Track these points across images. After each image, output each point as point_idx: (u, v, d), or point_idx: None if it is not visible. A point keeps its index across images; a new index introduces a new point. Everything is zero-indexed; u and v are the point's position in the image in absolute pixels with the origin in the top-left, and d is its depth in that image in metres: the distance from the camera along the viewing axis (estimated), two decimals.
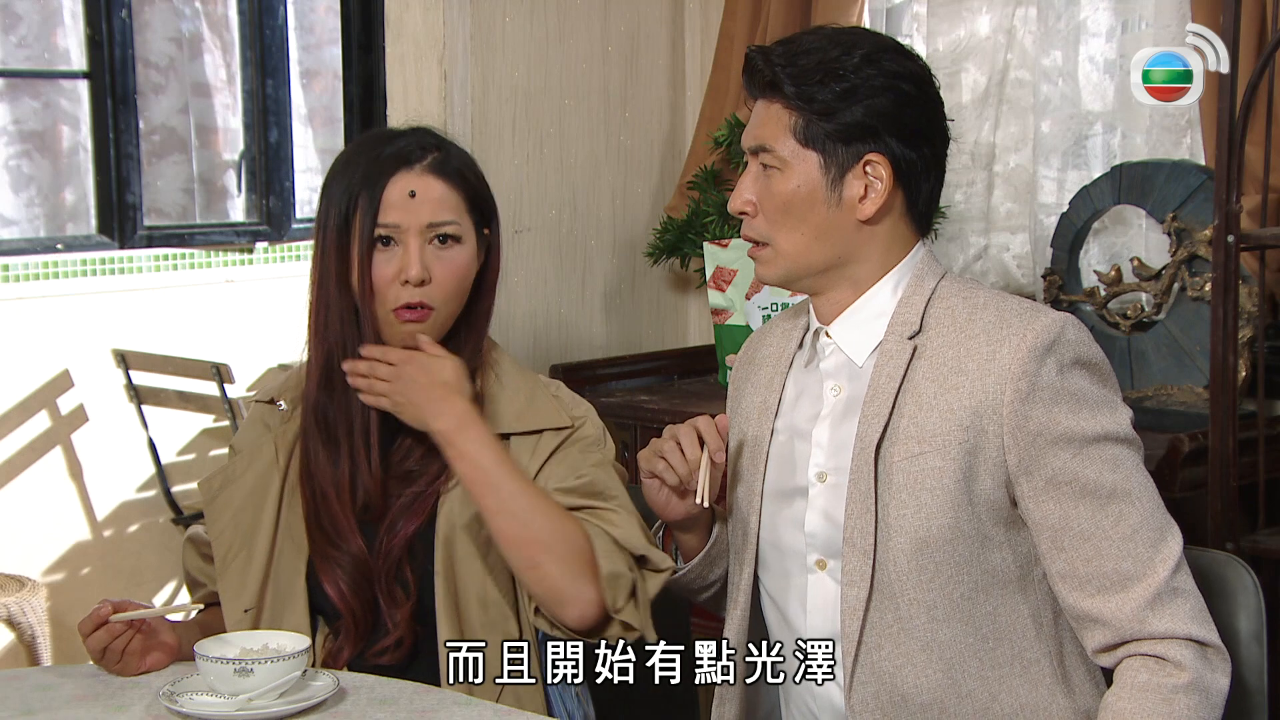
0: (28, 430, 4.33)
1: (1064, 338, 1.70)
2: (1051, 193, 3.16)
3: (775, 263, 1.81)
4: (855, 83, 1.74)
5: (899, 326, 1.77)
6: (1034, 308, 1.74)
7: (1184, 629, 1.65)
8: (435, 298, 1.93)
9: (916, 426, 1.72)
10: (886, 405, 1.74)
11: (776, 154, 1.77)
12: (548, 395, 2.01)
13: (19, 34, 4.57)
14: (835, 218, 1.77)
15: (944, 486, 1.70)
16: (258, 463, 2.02)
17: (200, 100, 4.93)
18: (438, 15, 3.29)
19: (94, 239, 4.50)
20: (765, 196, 1.79)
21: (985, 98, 3.27)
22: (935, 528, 1.71)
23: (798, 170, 1.76)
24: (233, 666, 1.72)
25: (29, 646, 3.74)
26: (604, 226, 3.61)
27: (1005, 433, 1.68)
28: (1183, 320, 2.84)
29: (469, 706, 1.74)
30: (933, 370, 1.73)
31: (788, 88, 1.75)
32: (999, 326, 1.72)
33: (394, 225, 1.92)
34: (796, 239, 1.78)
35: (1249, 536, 2.43)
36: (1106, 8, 3.09)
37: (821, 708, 1.81)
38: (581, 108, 3.55)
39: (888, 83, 1.76)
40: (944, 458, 1.70)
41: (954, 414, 1.70)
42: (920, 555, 1.71)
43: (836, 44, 1.77)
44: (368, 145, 1.98)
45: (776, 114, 1.77)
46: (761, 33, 3.42)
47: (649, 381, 3.40)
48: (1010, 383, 1.68)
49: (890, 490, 1.73)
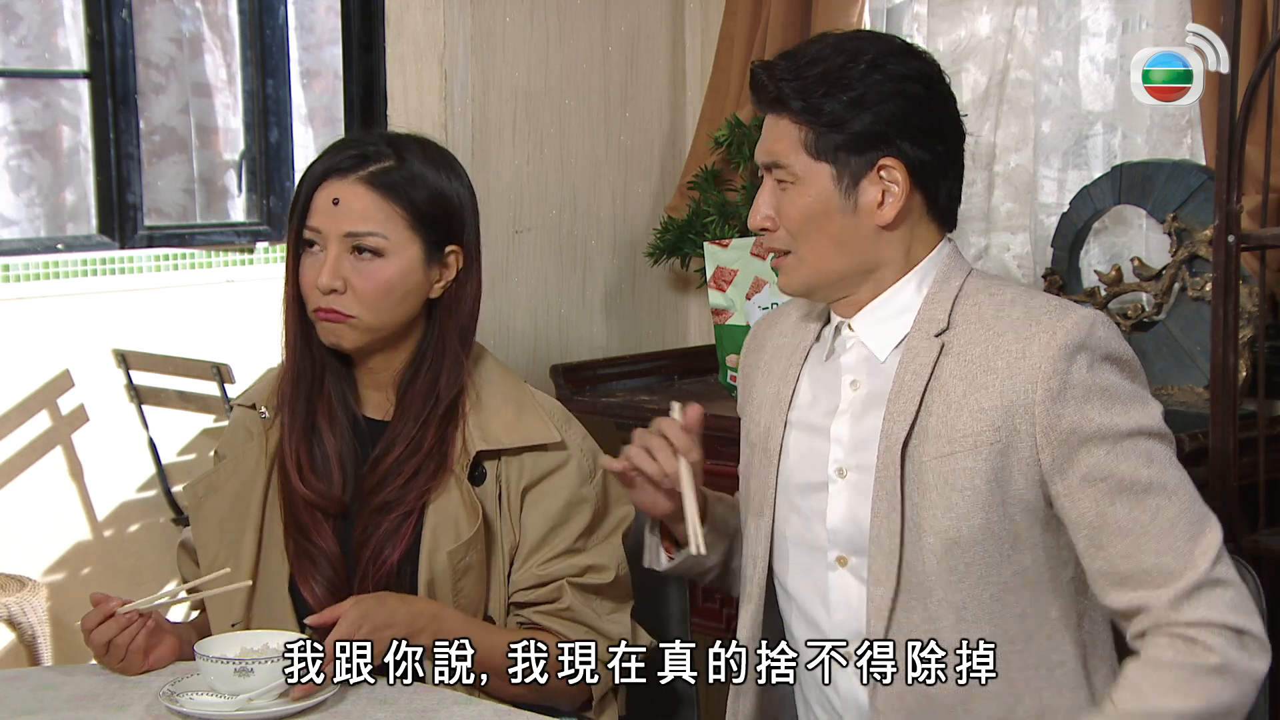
0: (28, 430, 4.33)
1: (1094, 334, 1.69)
2: (1052, 193, 3.16)
3: (798, 271, 1.80)
4: (862, 90, 1.74)
5: (925, 323, 1.76)
6: (1062, 304, 1.74)
7: (1220, 617, 1.63)
8: (351, 307, 1.93)
9: (946, 425, 1.71)
10: (913, 402, 1.73)
11: (789, 169, 1.77)
12: (536, 408, 2.00)
13: (19, 34, 4.57)
14: (854, 226, 1.77)
15: (975, 487, 1.70)
16: (241, 470, 2.02)
17: (201, 100, 4.93)
18: (438, 15, 3.29)
19: (94, 239, 4.50)
20: (783, 211, 1.79)
21: (985, 98, 3.27)
22: (966, 528, 1.70)
23: (812, 183, 1.76)
24: (233, 666, 1.72)
25: (29, 646, 3.74)
26: (604, 226, 3.60)
27: (1038, 431, 1.68)
28: (1183, 320, 2.84)
29: (469, 706, 1.74)
30: (961, 368, 1.72)
31: (794, 102, 1.75)
32: (1027, 324, 1.71)
33: (315, 230, 1.94)
34: (818, 248, 1.78)
35: (1249, 536, 2.43)
36: (1107, 8, 3.09)
37: (846, 705, 1.80)
38: (582, 108, 3.55)
39: (895, 87, 1.75)
40: (975, 458, 1.69)
41: (985, 413, 1.70)
42: (950, 556, 1.70)
43: (841, 52, 1.76)
44: (329, 149, 1.99)
45: (785, 129, 1.77)
46: (762, 33, 3.42)
47: (649, 381, 3.40)
48: (1041, 381, 1.67)
49: (920, 489, 1.72)
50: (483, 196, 3.42)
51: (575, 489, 1.97)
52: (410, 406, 1.96)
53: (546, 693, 1.88)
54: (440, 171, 1.98)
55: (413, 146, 1.98)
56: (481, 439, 1.95)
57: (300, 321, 1.99)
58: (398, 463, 1.94)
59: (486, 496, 1.96)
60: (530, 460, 1.97)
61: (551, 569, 1.95)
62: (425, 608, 1.89)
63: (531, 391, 2.04)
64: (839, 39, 1.80)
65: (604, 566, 1.96)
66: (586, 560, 1.97)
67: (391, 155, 1.95)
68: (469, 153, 3.32)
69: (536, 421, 1.98)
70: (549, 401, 2.04)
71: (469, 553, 1.92)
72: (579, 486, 1.98)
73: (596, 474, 2.00)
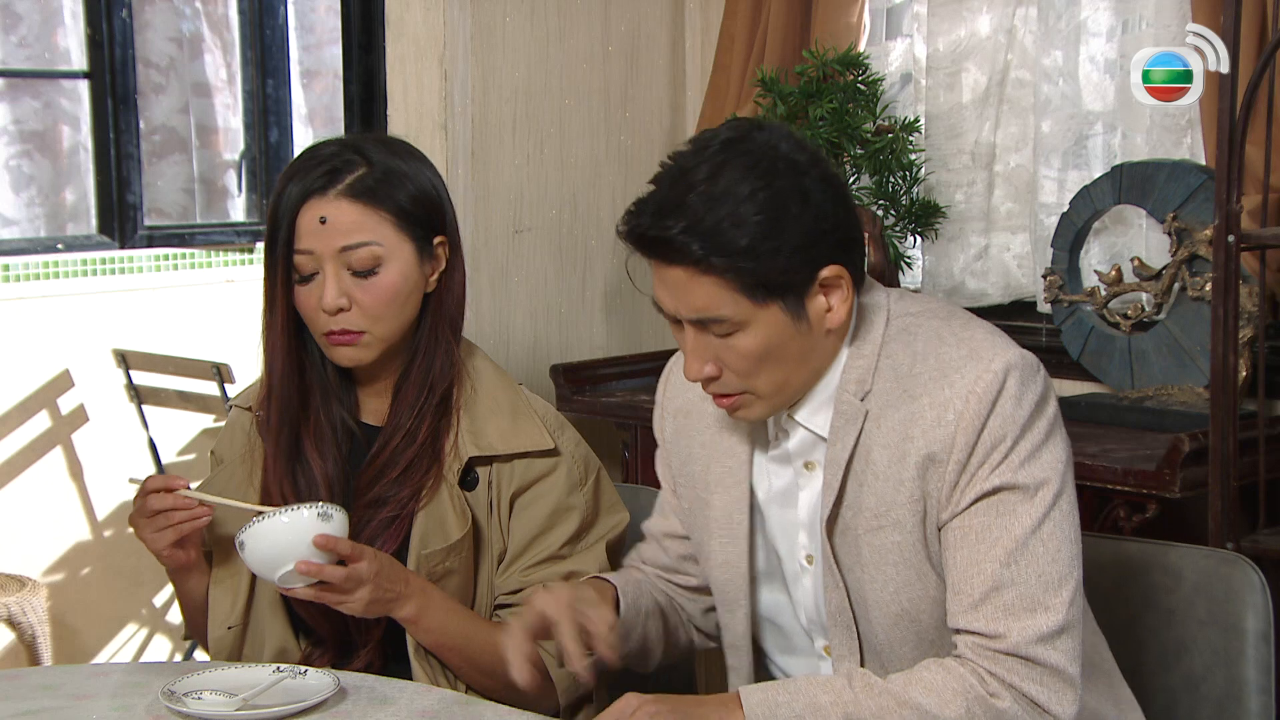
0: (28, 430, 4.33)
1: (1006, 391, 1.61)
2: (1052, 192, 3.15)
3: (757, 405, 1.68)
4: (772, 214, 1.58)
5: (850, 385, 1.68)
6: (972, 354, 1.64)
7: (1022, 685, 1.58)
8: (360, 322, 1.91)
9: (875, 497, 1.66)
10: (838, 477, 1.67)
11: (729, 320, 1.62)
12: (531, 415, 1.98)
13: (19, 34, 4.57)
14: (809, 341, 1.66)
15: (906, 560, 1.66)
16: (239, 474, 2.02)
17: (201, 100, 4.94)
18: (438, 15, 3.29)
19: (94, 239, 4.50)
20: (726, 359, 1.64)
21: (985, 98, 3.27)
22: (908, 599, 1.66)
23: (760, 324, 1.62)
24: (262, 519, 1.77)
25: (29, 646, 3.74)
26: (604, 226, 3.60)
27: (944, 492, 1.63)
28: (1183, 320, 2.84)
29: (469, 706, 1.74)
30: (883, 436, 1.66)
31: (715, 259, 1.58)
32: (941, 386, 1.63)
33: (308, 252, 1.90)
34: (776, 377, 1.66)
35: (1249, 536, 2.43)
36: (1107, 8, 3.09)
37: None
38: (582, 107, 3.55)
39: (799, 202, 1.60)
40: (901, 531, 1.65)
41: (904, 485, 1.64)
42: (899, 626, 1.68)
43: (720, 187, 1.59)
44: (294, 169, 1.94)
45: (708, 284, 1.60)
46: (761, 33, 3.42)
47: (649, 381, 3.40)
48: (956, 451, 1.62)
49: (859, 564, 1.68)
50: (483, 196, 3.45)
51: (563, 496, 1.96)
52: (405, 399, 1.95)
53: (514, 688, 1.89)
54: (411, 165, 1.95)
55: (377, 148, 1.95)
56: (475, 445, 1.94)
57: (291, 350, 1.96)
58: (393, 455, 1.93)
59: (478, 502, 1.95)
60: (521, 466, 1.96)
61: (534, 576, 1.95)
62: (418, 584, 1.88)
63: (526, 395, 2.02)
64: (706, 175, 1.61)
65: (584, 573, 1.94)
66: (568, 567, 1.95)
67: (361, 162, 1.91)
68: (469, 153, 3.32)
69: (531, 428, 1.97)
70: (542, 406, 2.03)
71: (449, 558, 1.92)
72: (567, 494, 1.96)
73: (587, 481, 1.99)
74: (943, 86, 3.33)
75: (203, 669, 1.80)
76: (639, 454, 3.13)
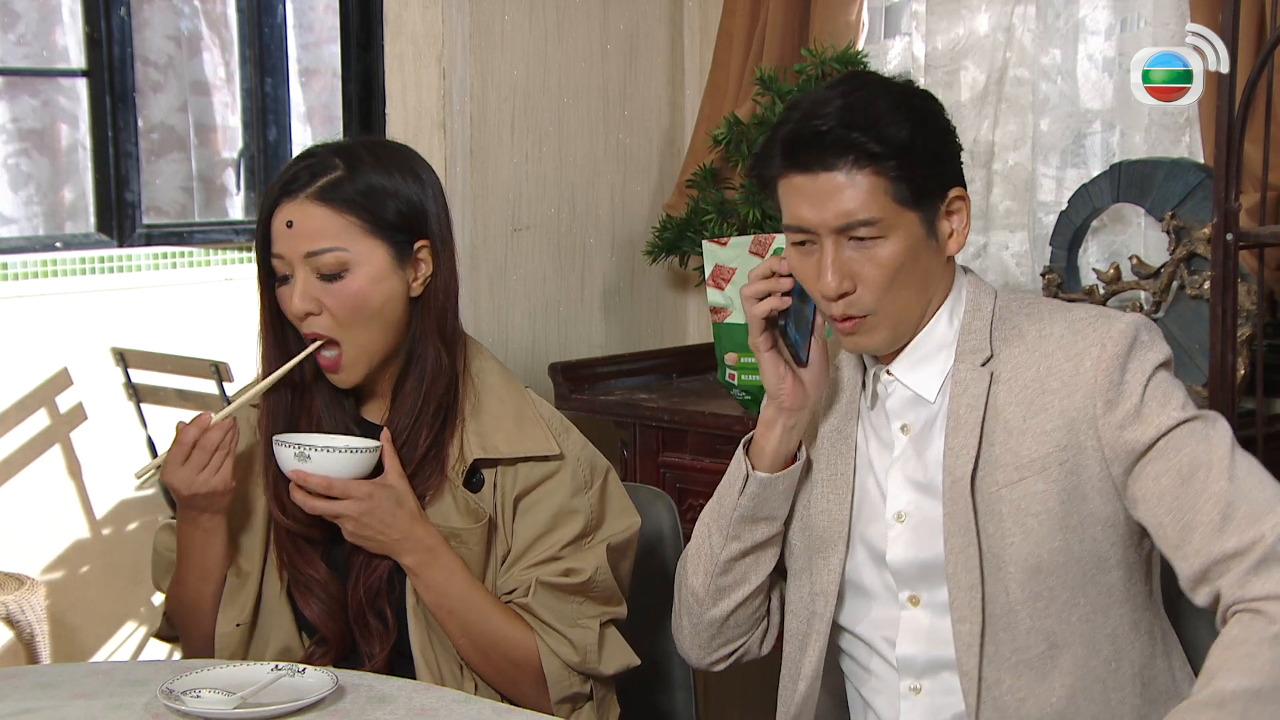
0: (27, 429, 4.33)
1: (1139, 340, 1.70)
2: (1050, 191, 3.16)
3: (879, 330, 1.75)
4: (919, 121, 1.71)
5: (968, 354, 1.75)
6: (1102, 314, 1.74)
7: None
8: (331, 327, 1.90)
9: (1010, 453, 1.70)
10: (974, 435, 1.72)
11: (878, 224, 1.69)
12: (537, 419, 1.98)
13: (18, 32, 4.57)
14: (934, 263, 1.75)
15: (1049, 509, 1.69)
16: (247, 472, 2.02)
17: (199, 98, 4.94)
18: (437, 13, 3.29)
19: (93, 237, 4.50)
20: (863, 271, 1.71)
21: (984, 96, 3.27)
22: (1047, 552, 1.69)
23: (901, 232, 1.70)
24: (293, 450, 1.87)
25: (28, 645, 3.74)
26: (603, 225, 3.61)
27: (1104, 445, 1.68)
28: (1182, 319, 2.84)
29: (468, 705, 1.74)
30: (1015, 394, 1.72)
31: (876, 148, 1.68)
32: (1074, 340, 1.71)
33: (279, 256, 1.91)
34: (904, 297, 1.73)
35: None
36: (1105, 6, 3.09)
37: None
38: (580, 106, 3.55)
39: (938, 122, 1.75)
40: (1045, 480, 1.69)
41: (1048, 435, 1.69)
42: (1034, 582, 1.69)
43: (873, 93, 1.72)
44: (281, 172, 1.95)
45: (862, 184, 1.68)
46: (760, 31, 3.42)
47: (648, 380, 3.40)
48: (1100, 394, 1.67)
49: (994, 519, 1.71)
50: (481, 195, 3.45)
51: (566, 499, 1.96)
52: (403, 405, 1.95)
53: (506, 671, 1.92)
54: (392, 171, 1.93)
55: (361, 152, 1.94)
56: (480, 448, 1.94)
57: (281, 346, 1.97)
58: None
59: (486, 502, 1.95)
60: (525, 469, 1.96)
61: (531, 574, 1.95)
62: (424, 539, 1.90)
63: (532, 399, 2.01)
64: (849, 84, 1.75)
65: (579, 569, 1.94)
66: (564, 565, 1.95)
67: (340, 165, 1.90)
68: (467, 151, 3.32)
69: (537, 432, 1.96)
70: (548, 409, 2.02)
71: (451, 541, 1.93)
72: (570, 497, 1.96)
73: (593, 485, 1.98)
74: (941, 85, 3.33)
75: (201, 667, 1.80)
76: (637, 452, 3.13)
